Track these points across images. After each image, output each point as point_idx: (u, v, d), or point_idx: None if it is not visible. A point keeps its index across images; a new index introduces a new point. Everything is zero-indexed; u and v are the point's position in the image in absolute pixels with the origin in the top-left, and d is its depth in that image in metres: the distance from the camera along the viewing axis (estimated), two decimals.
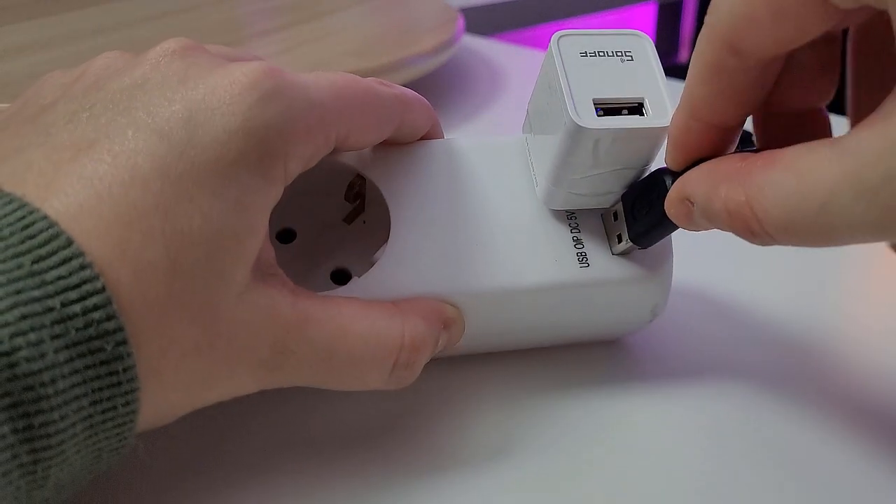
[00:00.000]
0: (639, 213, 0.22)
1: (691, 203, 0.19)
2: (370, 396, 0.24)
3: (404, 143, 0.24)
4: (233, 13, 0.56)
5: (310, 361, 0.19)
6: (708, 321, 0.29)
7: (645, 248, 0.23)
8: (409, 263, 0.22)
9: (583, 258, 0.23)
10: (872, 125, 0.15)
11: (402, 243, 0.23)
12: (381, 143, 0.23)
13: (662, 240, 0.23)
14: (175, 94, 0.18)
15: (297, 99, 0.18)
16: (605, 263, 0.23)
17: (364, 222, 0.26)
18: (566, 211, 0.24)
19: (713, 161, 0.19)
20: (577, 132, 0.21)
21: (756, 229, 0.17)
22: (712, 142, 0.20)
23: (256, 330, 0.18)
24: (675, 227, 0.21)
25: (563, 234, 0.24)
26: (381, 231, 0.24)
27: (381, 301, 0.21)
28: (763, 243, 0.18)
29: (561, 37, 0.22)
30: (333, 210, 0.26)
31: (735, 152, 0.20)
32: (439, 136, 0.25)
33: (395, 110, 0.22)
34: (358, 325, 0.20)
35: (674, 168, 0.20)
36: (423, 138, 0.25)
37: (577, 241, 0.24)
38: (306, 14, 0.55)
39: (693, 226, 0.20)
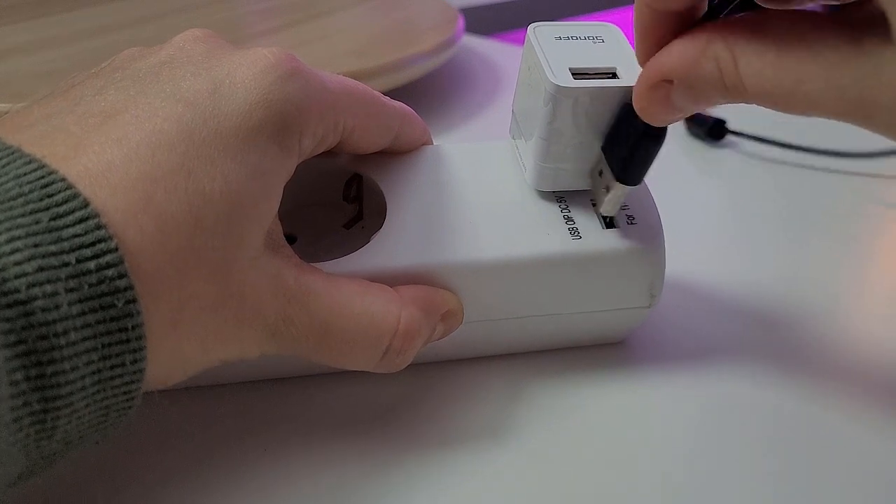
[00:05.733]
0: (616, 148, 0.23)
1: (669, 82, 0.20)
2: (371, 381, 0.25)
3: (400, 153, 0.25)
4: (233, 13, 0.56)
5: (307, 333, 0.20)
6: (705, 313, 0.29)
7: (633, 183, 0.23)
8: (405, 237, 0.23)
9: (575, 232, 0.24)
10: (855, 31, 0.17)
11: (398, 221, 0.23)
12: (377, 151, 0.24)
13: (652, 218, 0.25)
14: (200, 69, 0.19)
15: (314, 82, 0.20)
16: (597, 236, 0.24)
17: (363, 228, 0.26)
18: (556, 194, 0.25)
19: (683, 37, 0.20)
20: (556, 93, 0.22)
21: (738, 87, 0.19)
22: (673, 27, 0.20)
23: (264, 295, 0.19)
24: (653, 146, 0.22)
25: (554, 213, 0.24)
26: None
27: (383, 285, 0.22)
28: (730, 100, 0.19)
29: (536, 27, 0.24)
30: (333, 218, 0.27)
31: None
32: None
33: (396, 119, 0.24)
34: (355, 304, 0.21)
35: (643, 59, 0.21)
36: None
37: (569, 219, 0.24)
38: (306, 14, 0.55)
39: (669, 110, 0.20)
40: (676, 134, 0.45)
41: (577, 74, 0.22)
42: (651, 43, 0.20)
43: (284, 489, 0.21)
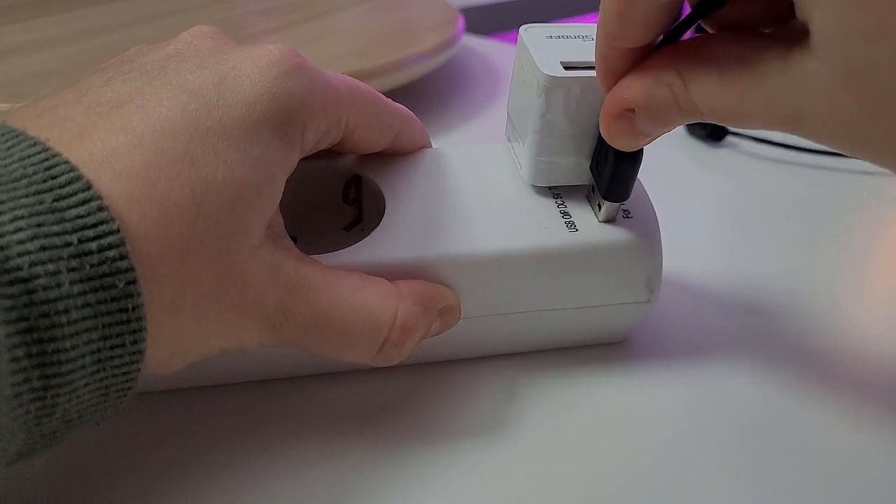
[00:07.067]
0: (601, 169, 0.23)
1: (631, 111, 0.21)
2: (370, 380, 0.25)
3: (399, 154, 0.26)
4: (233, 13, 0.56)
5: (305, 324, 0.20)
6: (705, 312, 0.29)
7: (619, 200, 0.24)
8: (403, 231, 0.23)
9: (571, 226, 0.24)
10: (784, 46, 0.18)
11: (396, 216, 0.24)
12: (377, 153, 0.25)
13: (648, 212, 0.25)
14: (206, 62, 0.19)
15: (317, 78, 0.20)
16: (593, 230, 0.24)
17: (362, 230, 0.26)
18: (551, 189, 0.25)
19: (638, 68, 0.21)
20: (548, 83, 0.22)
21: (691, 108, 0.20)
22: (632, 58, 0.21)
23: (264, 285, 0.19)
24: (630, 166, 0.23)
25: (550, 207, 0.25)
26: None
27: (382, 279, 0.22)
28: (688, 120, 0.20)
29: (527, 28, 0.24)
30: (333, 221, 0.27)
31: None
32: None
33: (396, 120, 0.24)
34: (354, 297, 0.21)
35: (607, 88, 0.22)
36: None
37: (565, 214, 0.25)
38: (306, 14, 0.55)
39: (635, 136, 0.21)
40: (677, 135, 0.45)
41: (569, 67, 0.23)
42: (613, 74, 0.21)
43: (284, 487, 0.21)
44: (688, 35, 0.21)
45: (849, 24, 0.17)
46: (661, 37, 0.21)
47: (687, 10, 0.21)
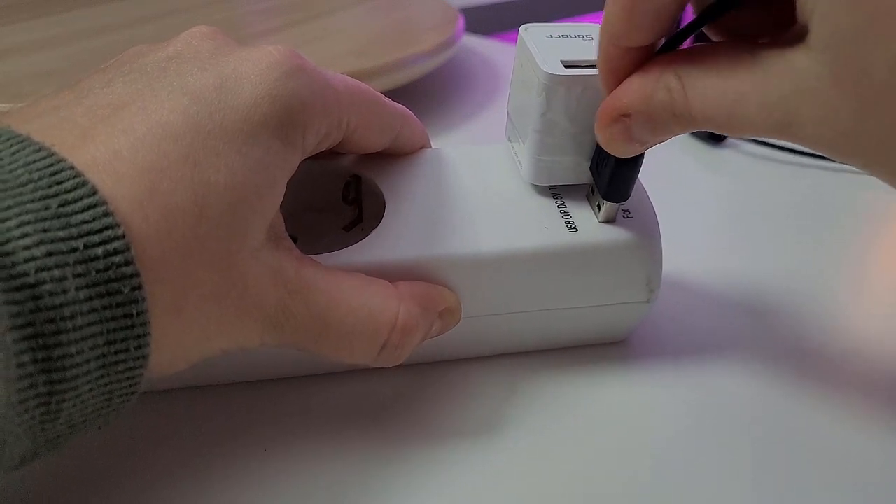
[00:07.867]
0: (601, 169, 0.24)
1: (628, 116, 0.21)
2: (370, 380, 0.25)
3: (398, 154, 0.26)
4: (233, 13, 0.56)
5: (306, 326, 0.20)
6: (706, 312, 0.29)
7: (619, 200, 0.24)
8: (403, 231, 0.23)
9: (571, 226, 0.24)
10: (782, 49, 0.18)
11: (396, 216, 0.24)
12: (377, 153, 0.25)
13: (648, 212, 0.25)
14: (207, 64, 0.19)
15: (318, 79, 0.20)
16: (593, 230, 0.24)
17: (362, 230, 0.26)
18: (551, 189, 0.25)
19: (639, 71, 0.21)
20: (549, 81, 0.22)
21: (686, 113, 0.20)
22: (635, 61, 0.21)
23: (265, 287, 0.19)
24: (630, 169, 0.23)
25: (551, 207, 0.25)
26: None
27: (382, 281, 0.22)
28: (682, 128, 0.20)
29: (528, 27, 0.24)
30: (333, 222, 0.27)
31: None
32: None
33: (397, 120, 0.24)
34: (354, 299, 0.21)
35: (609, 90, 0.22)
36: None
37: (565, 213, 0.25)
38: (306, 14, 0.55)
39: (630, 142, 0.21)
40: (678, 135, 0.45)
41: (569, 66, 0.23)
42: (616, 73, 0.21)
43: (284, 487, 0.21)
44: (688, 44, 0.21)
45: (845, 24, 0.17)
46: (664, 41, 0.21)
47: (688, 18, 0.21)
